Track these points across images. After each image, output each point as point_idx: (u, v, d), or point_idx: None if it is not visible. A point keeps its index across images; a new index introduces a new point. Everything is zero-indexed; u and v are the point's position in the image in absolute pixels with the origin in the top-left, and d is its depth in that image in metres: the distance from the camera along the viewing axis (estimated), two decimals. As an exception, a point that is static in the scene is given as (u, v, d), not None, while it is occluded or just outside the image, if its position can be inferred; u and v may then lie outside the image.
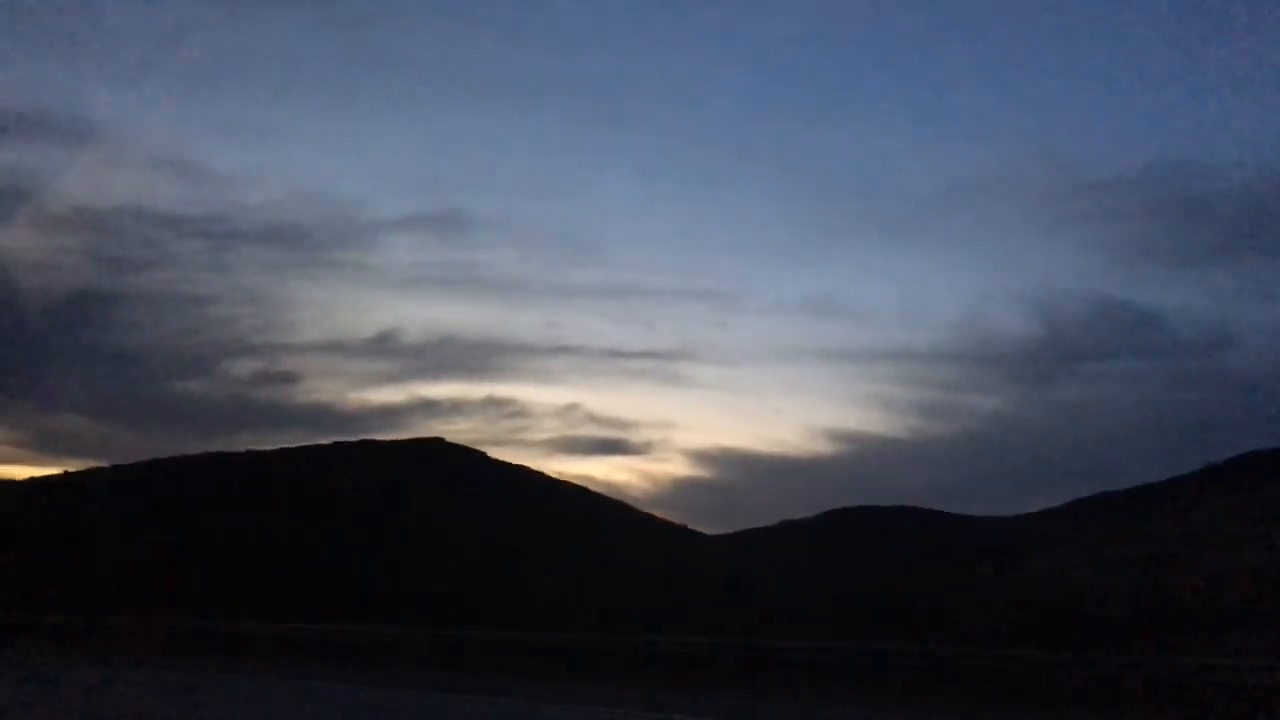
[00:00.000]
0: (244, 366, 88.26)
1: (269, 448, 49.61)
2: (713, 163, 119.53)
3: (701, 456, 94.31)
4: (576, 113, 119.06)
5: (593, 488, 54.84)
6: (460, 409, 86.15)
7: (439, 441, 54.38)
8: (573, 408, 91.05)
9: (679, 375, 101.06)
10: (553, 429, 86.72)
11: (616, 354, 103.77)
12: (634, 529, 48.28)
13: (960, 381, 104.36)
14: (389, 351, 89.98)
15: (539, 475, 53.46)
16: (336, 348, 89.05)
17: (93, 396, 76.96)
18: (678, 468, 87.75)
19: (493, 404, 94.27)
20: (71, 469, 49.42)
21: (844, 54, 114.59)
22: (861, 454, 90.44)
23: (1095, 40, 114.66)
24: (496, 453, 53.23)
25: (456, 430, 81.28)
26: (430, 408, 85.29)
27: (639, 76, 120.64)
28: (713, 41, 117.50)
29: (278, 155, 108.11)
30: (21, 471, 63.51)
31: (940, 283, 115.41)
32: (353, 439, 53.16)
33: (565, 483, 52.90)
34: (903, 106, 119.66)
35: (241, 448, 50.33)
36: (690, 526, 54.13)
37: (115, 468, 48.17)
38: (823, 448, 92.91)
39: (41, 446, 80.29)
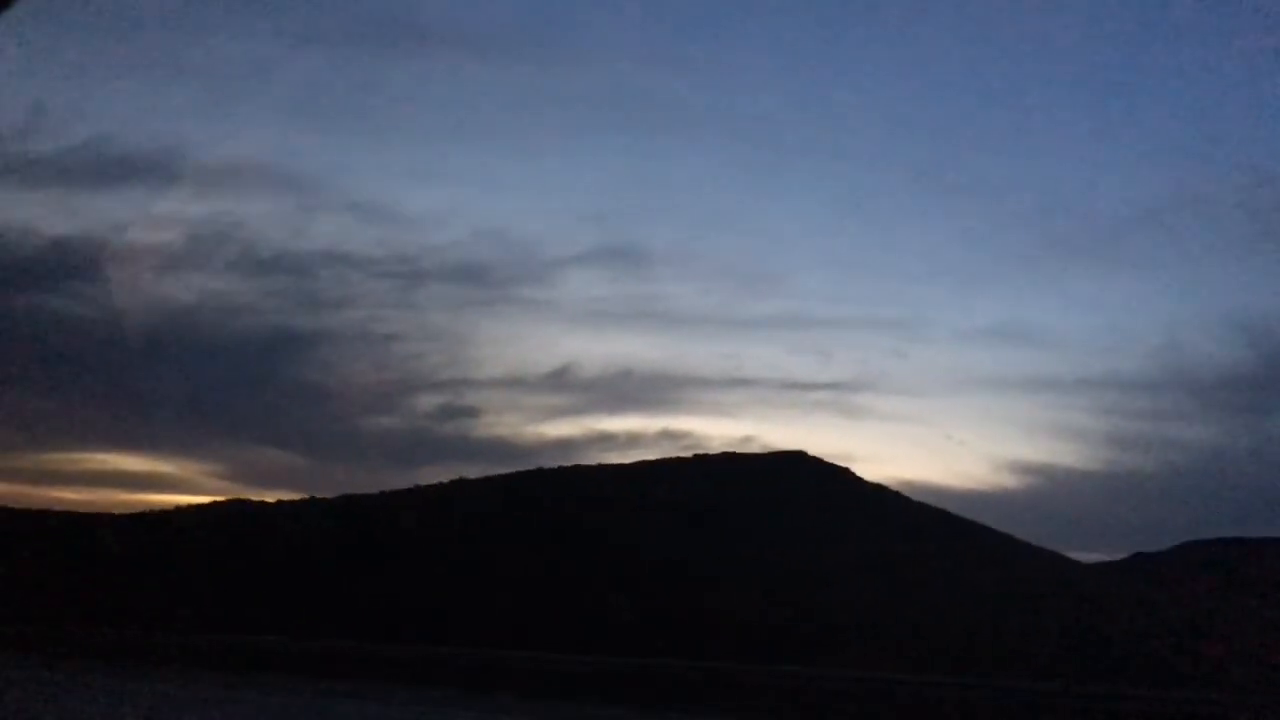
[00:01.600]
0: (429, 401, 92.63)
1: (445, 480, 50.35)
2: (891, 189, 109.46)
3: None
4: (753, 144, 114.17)
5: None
6: (637, 442, 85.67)
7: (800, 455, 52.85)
8: (748, 440, 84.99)
9: (858, 406, 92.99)
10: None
11: (794, 385, 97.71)
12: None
13: (1160, 411, 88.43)
14: (566, 386, 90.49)
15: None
16: (516, 382, 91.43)
17: (289, 431, 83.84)
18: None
19: (668, 436, 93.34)
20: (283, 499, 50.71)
21: (1024, 73, 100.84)
22: (1049, 487, 79.13)
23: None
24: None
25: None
26: (606, 441, 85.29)
27: (815, 106, 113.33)
28: (888, 68, 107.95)
29: (461, 196, 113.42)
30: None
31: (1134, 307, 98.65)
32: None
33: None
34: (1090, 124, 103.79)
35: (427, 480, 51.62)
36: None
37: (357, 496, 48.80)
38: (1008, 480, 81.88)
39: (241, 479, 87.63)
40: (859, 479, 51.18)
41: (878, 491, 50.33)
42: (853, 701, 18.79)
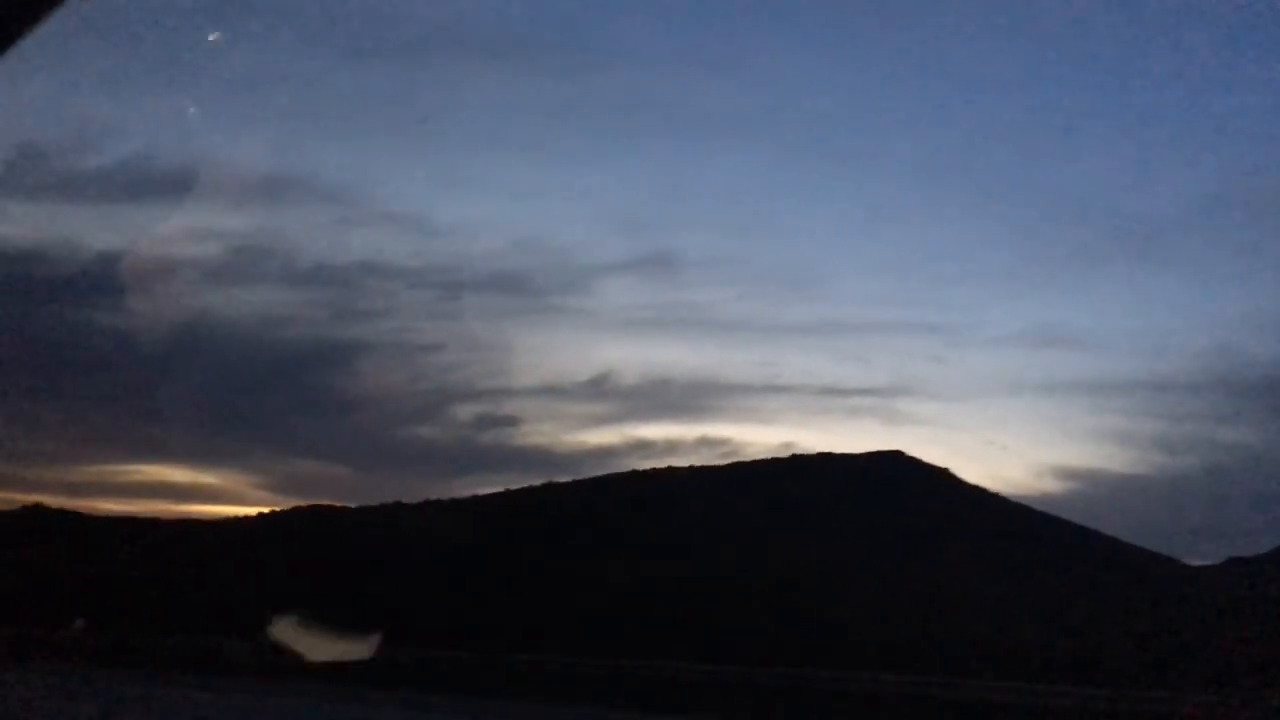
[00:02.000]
0: (467, 411, 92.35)
1: (488, 490, 49.75)
2: (928, 191, 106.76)
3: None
4: (788, 148, 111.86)
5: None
6: (675, 449, 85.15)
7: (898, 455, 51.69)
8: (787, 446, 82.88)
9: (897, 412, 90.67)
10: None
11: (832, 391, 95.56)
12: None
13: (1208, 413, 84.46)
14: (604, 394, 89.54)
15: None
16: (555, 391, 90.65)
17: (330, 442, 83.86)
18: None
19: (706, 444, 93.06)
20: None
21: (1061, 69, 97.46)
22: (1094, 492, 76.18)
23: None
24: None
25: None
26: (645, 448, 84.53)
27: (849, 108, 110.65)
28: (924, 68, 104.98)
29: (497, 205, 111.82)
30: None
31: (1181, 307, 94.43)
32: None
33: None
34: (1129, 119, 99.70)
35: (467, 491, 51.21)
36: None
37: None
38: (1051, 486, 78.88)
39: (284, 489, 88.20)
40: (958, 479, 50.02)
41: (978, 492, 49.13)
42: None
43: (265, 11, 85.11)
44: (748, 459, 52.79)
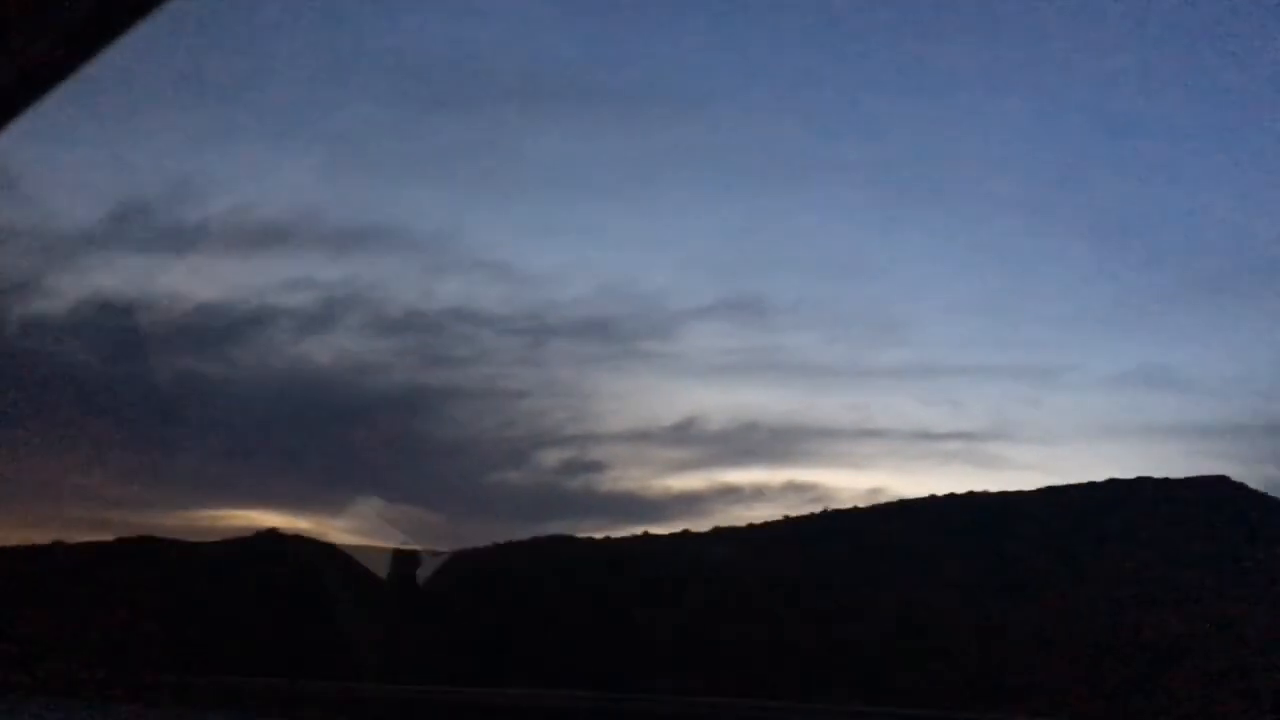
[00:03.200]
0: (555, 456, 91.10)
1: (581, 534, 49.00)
2: (1020, 229, 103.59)
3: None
4: (874, 189, 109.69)
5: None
6: (762, 494, 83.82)
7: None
8: (877, 491, 79.81)
9: (991, 456, 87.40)
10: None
11: (924, 435, 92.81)
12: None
13: None
14: (691, 439, 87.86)
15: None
16: (641, 436, 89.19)
17: (420, 488, 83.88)
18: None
19: (794, 489, 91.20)
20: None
21: (1159, 99, 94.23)
22: None
23: None
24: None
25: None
26: (732, 493, 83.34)
27: (935, 149, 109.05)
28: (1012, 103, 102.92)
29: (583, 251, 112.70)
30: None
31: None
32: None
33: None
34: (1237, 151, 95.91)
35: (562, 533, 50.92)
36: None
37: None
38: None
39: (375, 534, 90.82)
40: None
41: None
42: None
43: (356, 65, 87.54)
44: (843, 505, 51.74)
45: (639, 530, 51.46)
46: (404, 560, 41.22)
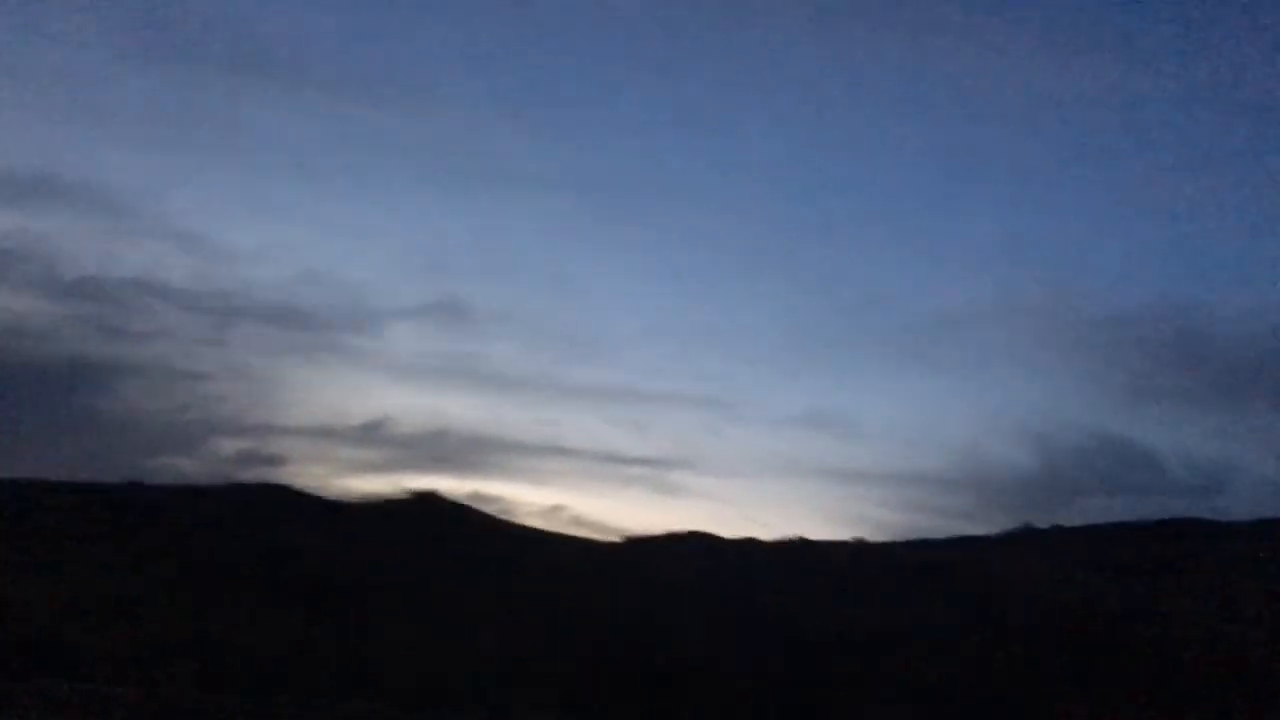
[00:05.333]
0: (231, 446, 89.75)
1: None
2: (719, 267, 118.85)
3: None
4: (587, 207, 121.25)
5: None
6: None
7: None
8: (558, 509, 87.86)
9: (673, 484, 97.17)
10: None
11: (611, 458, 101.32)
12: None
13: (955, 510, 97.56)
14: (379, 440, 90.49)
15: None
16: (327, 433, 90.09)
17: (78, 464, 77.62)
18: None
19: (478, 500, 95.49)
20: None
21: (857, 167, 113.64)
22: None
23: (1103, 172, 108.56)
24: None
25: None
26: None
27: (650, 174, 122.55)
28: (725, 146, 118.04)
29: (288, 234, 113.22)
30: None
31: (941, 406, 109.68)
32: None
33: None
34: (914, 224, 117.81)
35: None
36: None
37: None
38: None
39: None
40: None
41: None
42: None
43: (50, 1, 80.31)
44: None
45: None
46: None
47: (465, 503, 53.49)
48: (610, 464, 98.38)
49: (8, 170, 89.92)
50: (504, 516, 54.47)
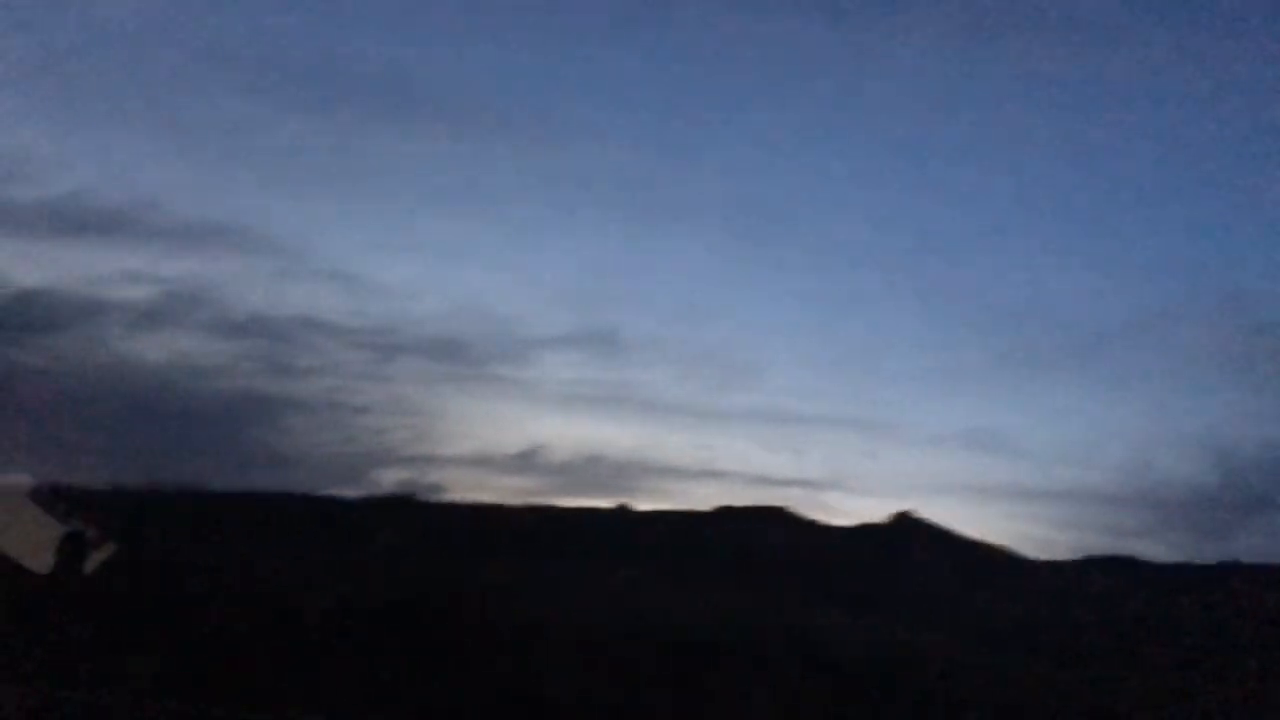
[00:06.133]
0: (392, 476, 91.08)
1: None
2: (870, 285, 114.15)
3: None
4: (734, 232, 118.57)
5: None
6: None
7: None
8: None
9: (827, 505, 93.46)
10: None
11: (765, 480, 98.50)
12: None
13: (1127, 527, 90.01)
14: (534, 467, 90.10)
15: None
16: (483, 461, 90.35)
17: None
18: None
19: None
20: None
21: (1012, 175, 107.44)
22: None
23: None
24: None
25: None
26: None
27: (797, 195, 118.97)
28: (871, 162, 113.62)
29: (441, 270, 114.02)
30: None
31: (1107, 420, 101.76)
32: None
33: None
34: (1073, 232, 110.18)
35: None
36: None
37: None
38: None
39: None
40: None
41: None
42: None
43: (212, 57, 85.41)
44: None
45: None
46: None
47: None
48: (764, 486, 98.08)
49: (182, 219, 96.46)
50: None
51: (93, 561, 28.92)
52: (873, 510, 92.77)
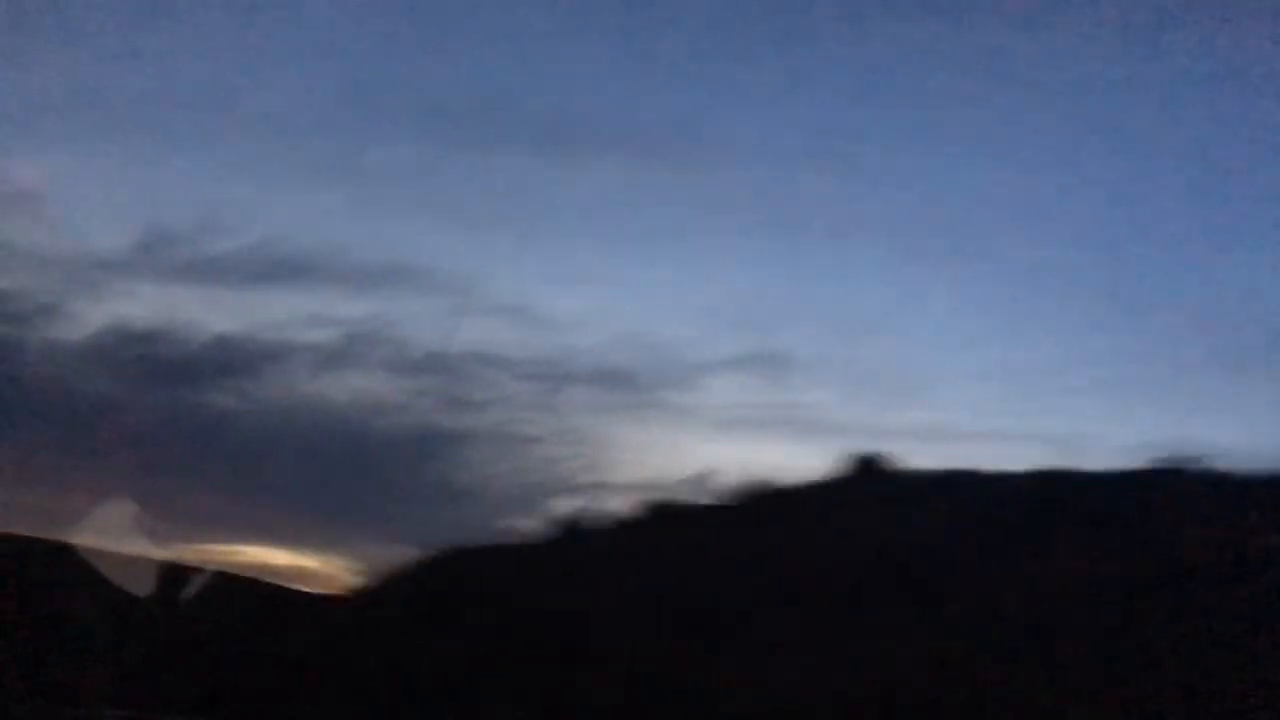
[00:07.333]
0: (567, 505, 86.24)
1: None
2: (1043, 296, 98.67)
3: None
4: (898, 246, 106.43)
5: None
6: None
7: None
8: None
9: None
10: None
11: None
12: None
13: None
14: (705, 492, 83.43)
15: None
16: (654, 487, 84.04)
17: (432, 530, 78.49)
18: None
19: None
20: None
21: (1187, 171, 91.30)
22: None
23: None
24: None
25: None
26: None
27: (960, 206, 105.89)
28: (1036, 166, 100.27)
29: (606, 299, 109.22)
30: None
31: None
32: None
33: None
34: (1262, 227, 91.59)
35: None
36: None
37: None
38: None
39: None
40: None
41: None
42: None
43: (386, 104, 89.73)
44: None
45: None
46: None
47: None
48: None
49: (361, 263, 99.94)
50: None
51: (191, 589, 29.02)
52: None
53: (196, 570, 29.92)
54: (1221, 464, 31.50)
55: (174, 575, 27.71)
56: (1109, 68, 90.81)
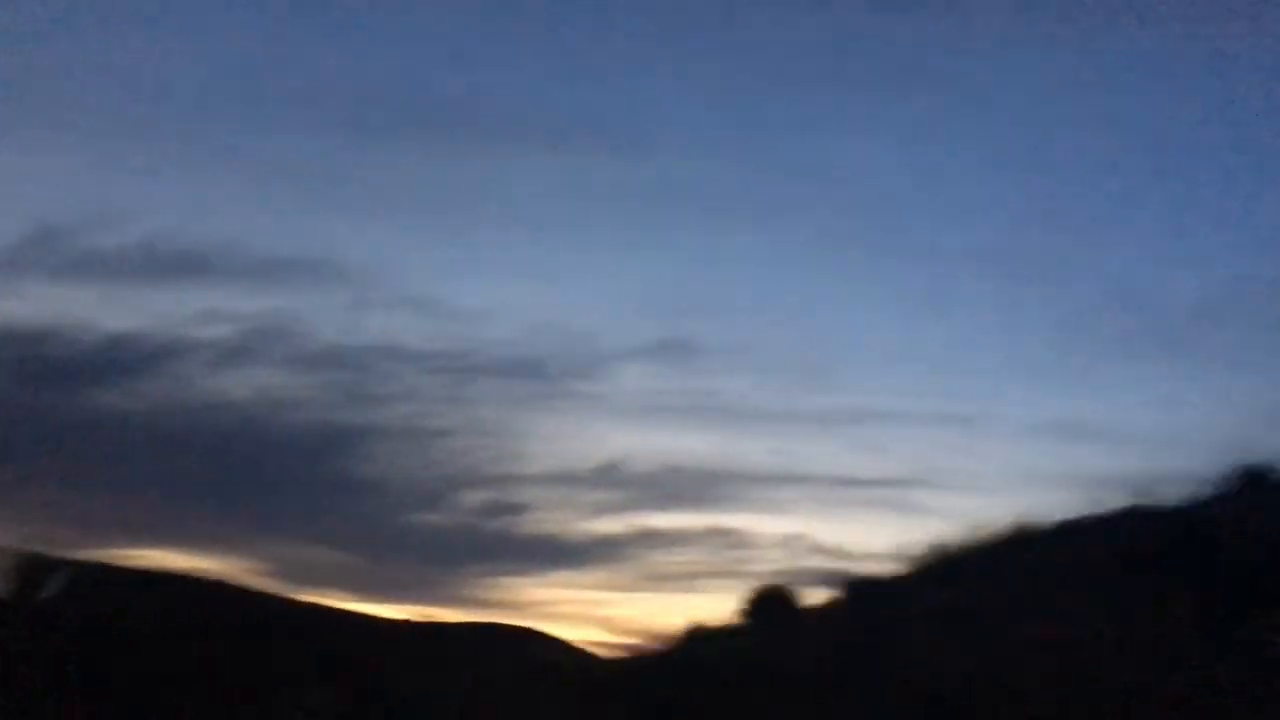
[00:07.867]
0: (476, 497, 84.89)
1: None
2: (948, 278, 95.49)
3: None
4: (808, 231, 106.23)
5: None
6: (684, 538, 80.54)
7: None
8: (798, 538, 74.89)
9: (915, 504, 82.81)
10: (775, 560, 72.86)
11: (850, 482, 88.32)
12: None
13: None
14: (615, 481, 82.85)
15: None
16: (565, 478, 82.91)
17: (334, 528, 76.62)
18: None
19: (716, 533, 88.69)
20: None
21: (1090, 151, 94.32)
22: None
23: None
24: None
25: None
26: (653, 538, 79.24)
27: (869, 190, 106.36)
28: (945, 153, 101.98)
29: (515, 289, 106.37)
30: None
31: (1210, 404, 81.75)
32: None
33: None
34: (1165, 205, 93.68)
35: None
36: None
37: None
38: None
39: (285, 576, 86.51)
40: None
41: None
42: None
43: (278, 93, 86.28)
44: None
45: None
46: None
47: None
48: (849, 488, 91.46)
49: (259, 256, 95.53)
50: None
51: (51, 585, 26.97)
52: (963, 506, 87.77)
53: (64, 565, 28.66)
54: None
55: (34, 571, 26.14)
56: (1020, 48, 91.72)
